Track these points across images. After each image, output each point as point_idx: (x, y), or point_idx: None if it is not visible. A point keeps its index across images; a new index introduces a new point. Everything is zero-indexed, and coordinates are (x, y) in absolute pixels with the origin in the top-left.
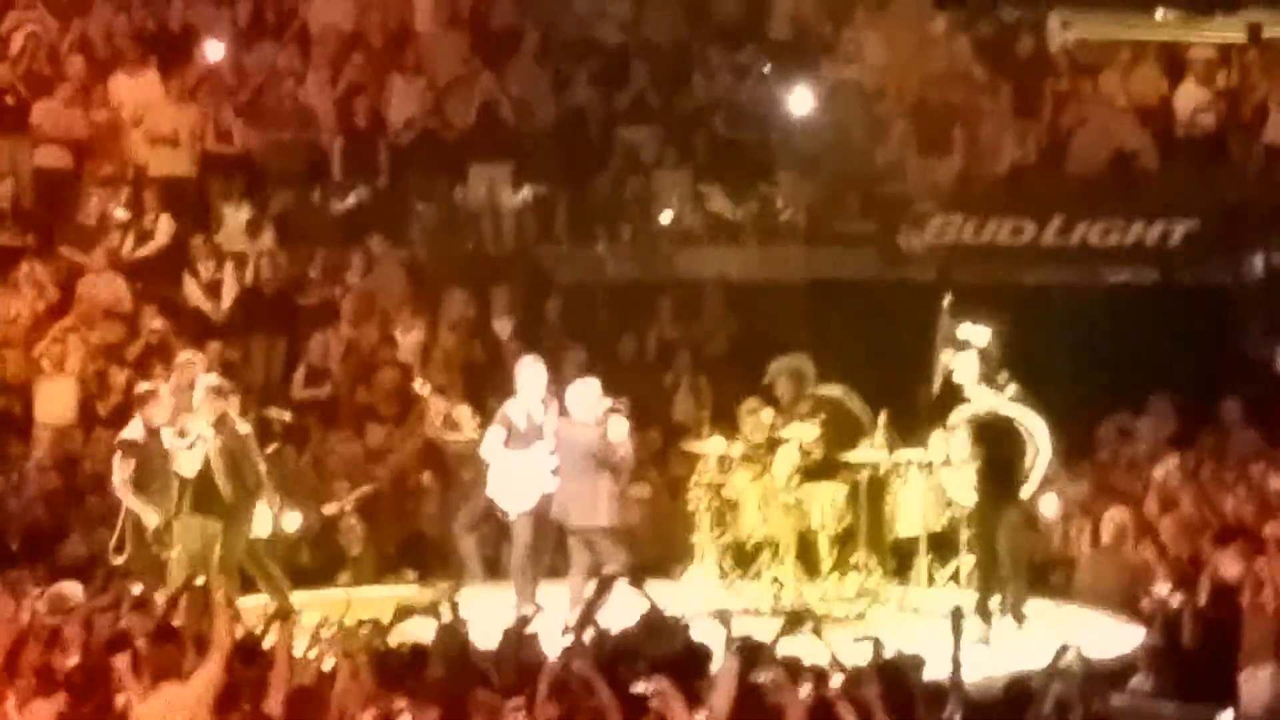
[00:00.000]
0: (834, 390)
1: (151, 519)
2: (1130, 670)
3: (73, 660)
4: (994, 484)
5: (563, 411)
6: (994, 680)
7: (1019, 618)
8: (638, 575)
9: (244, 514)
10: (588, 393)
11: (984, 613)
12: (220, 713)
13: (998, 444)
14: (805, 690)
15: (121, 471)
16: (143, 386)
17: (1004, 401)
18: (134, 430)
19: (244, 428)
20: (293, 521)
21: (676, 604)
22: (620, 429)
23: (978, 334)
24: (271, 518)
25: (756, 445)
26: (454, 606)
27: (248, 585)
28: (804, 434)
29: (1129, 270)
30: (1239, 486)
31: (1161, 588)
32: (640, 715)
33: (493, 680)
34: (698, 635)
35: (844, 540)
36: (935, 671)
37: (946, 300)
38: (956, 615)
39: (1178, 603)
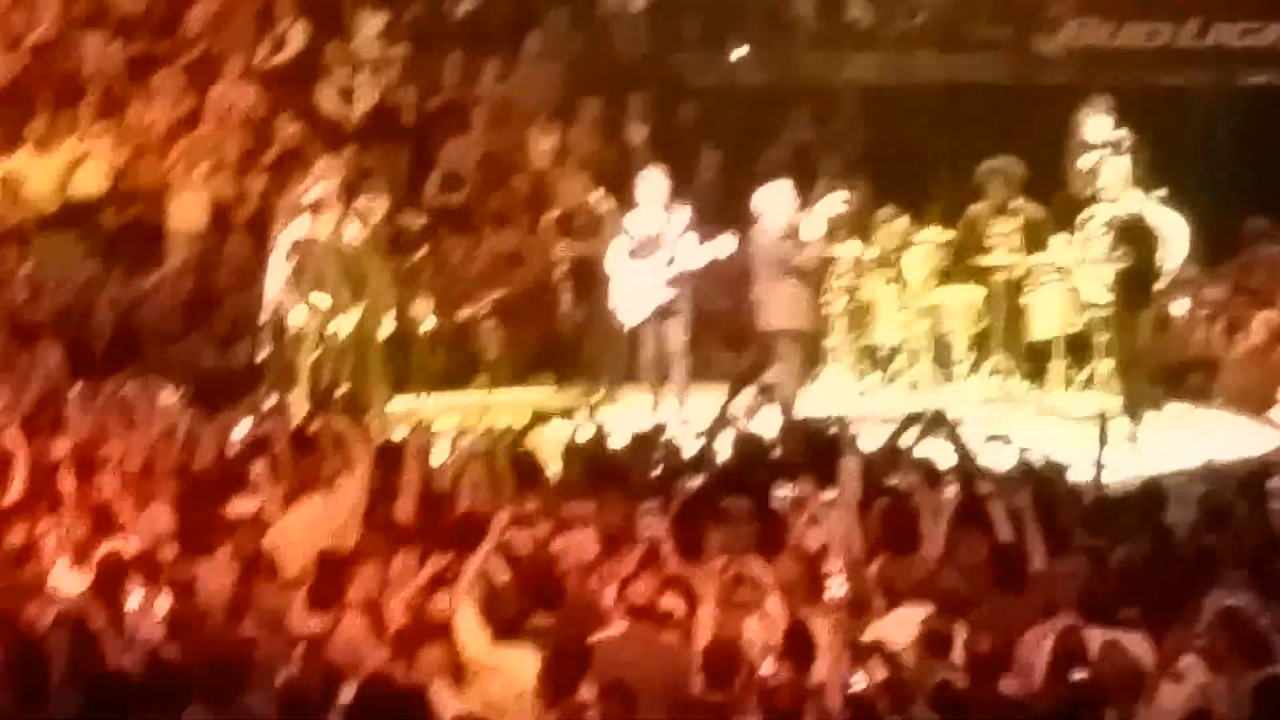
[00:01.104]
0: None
1: (303, 318)
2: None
3: (207, 465)
4: (1131, 286)
5: (747, 216)
6: (1133, 482)
7: (1135, 419)
8: (768, 386)
9: (373, 319)
10: (778, 195)
11: (1122, 415)
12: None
13: (1136, 246)
14: (944, 492)
15: (282, 272)
16: (314, 192)
17: (1144, 203)
18: (298, 231)
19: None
20: (426, 324)
21: (812, 407)
22: (814, 228)
23: (1120, 136)
24: (395, 321)
25: (891, 250)
26: (590, 411)
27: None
28: (936, 237)
29: (1266, 72)
30: None
31: None
32: (775, 519)
33: (628, 483)
34: (833, 439)
35: (979, 344)
36: (1074, 474)
37: (1087, 104)
38: (1103, 420)
39: None
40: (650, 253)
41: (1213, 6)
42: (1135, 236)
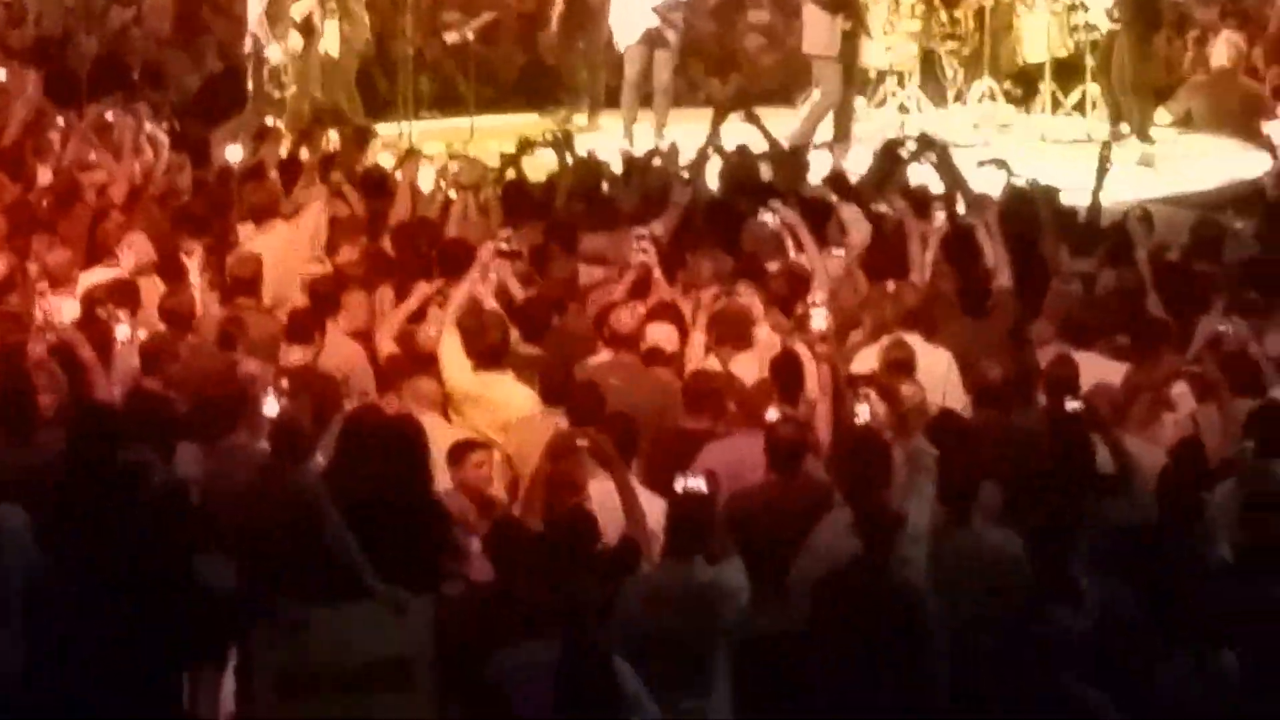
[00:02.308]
0: None
1: (276, 53)
2: (1260, 195)
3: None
4: (1135, 7)
5: None
6: (1126, 207)
7: (1144, 140)
8: (751, 109)
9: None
10: None
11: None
12: (336, 247)
13: None
14: (932, 219)
15: (256, 6)
16: None
17: None
18: None
19: None
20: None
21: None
22: None
23: None
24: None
25: None
26: (568, 136)
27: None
28: None
29: None
30: None
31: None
32: (768, 244)
33: (617, 210)
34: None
35: (969, 66)
36: (1068, 199)
37: None
38: (1104, 144)
39: None
40: None
41: None
42: None
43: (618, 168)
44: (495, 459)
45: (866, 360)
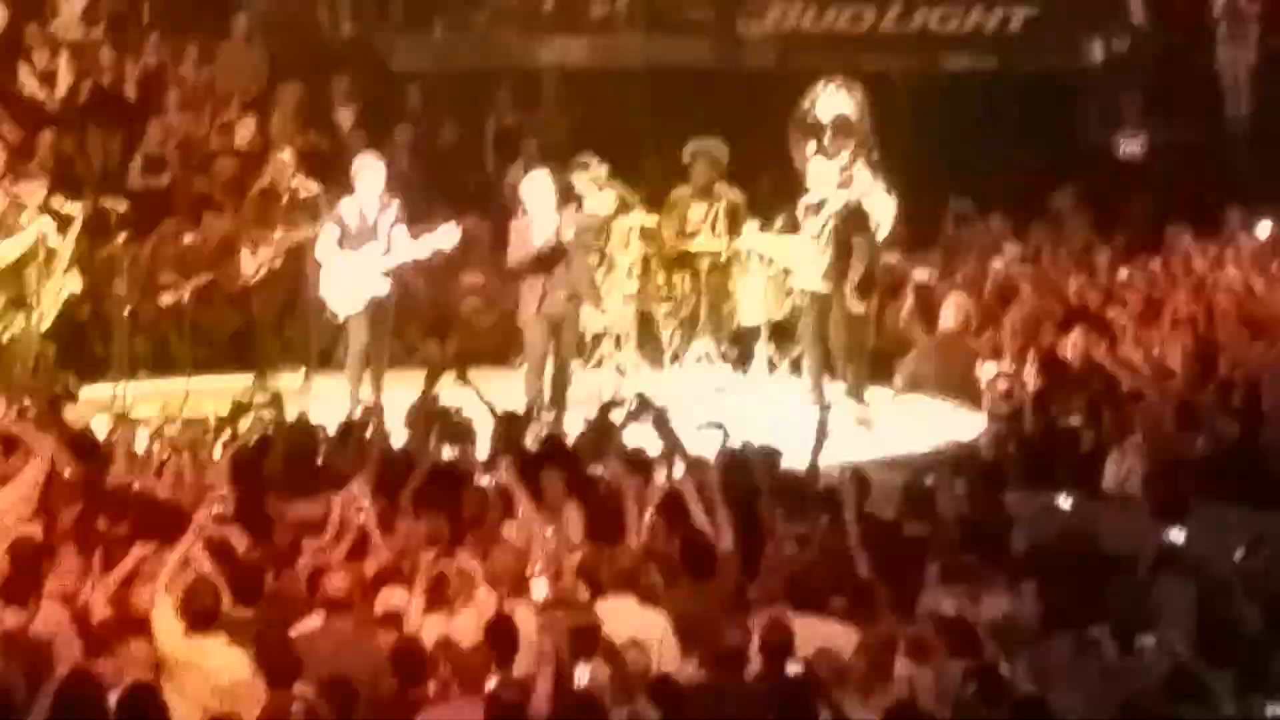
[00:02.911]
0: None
1: None
2: (976, 457)
3: None
4: (845, 271)
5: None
6: (842, 469)
7: (860, 402)
8: (465, 371)
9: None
10: (542, 184)
11: (836, 401)
12: (52, 510)
13: (851, 230)
14: (649, 480)
15: None
16: None
17: (858, 187)
18: None
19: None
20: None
21: (515, 397)
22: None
23: (845, 117)
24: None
25: (596, 233)
26: (279, 398)
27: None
28: (641, 221)
29: (968, 57)
30: (1078, 273)
31: (990, 367)
32: (488, 507)
33: (333, 470)
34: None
35: (687, 328)
36: (784, 461)
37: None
38: (821, 407)
39: (1008, 384)
40: (364, 242)
41: None
42: (850, 221)
43: (333, 429)
44: None
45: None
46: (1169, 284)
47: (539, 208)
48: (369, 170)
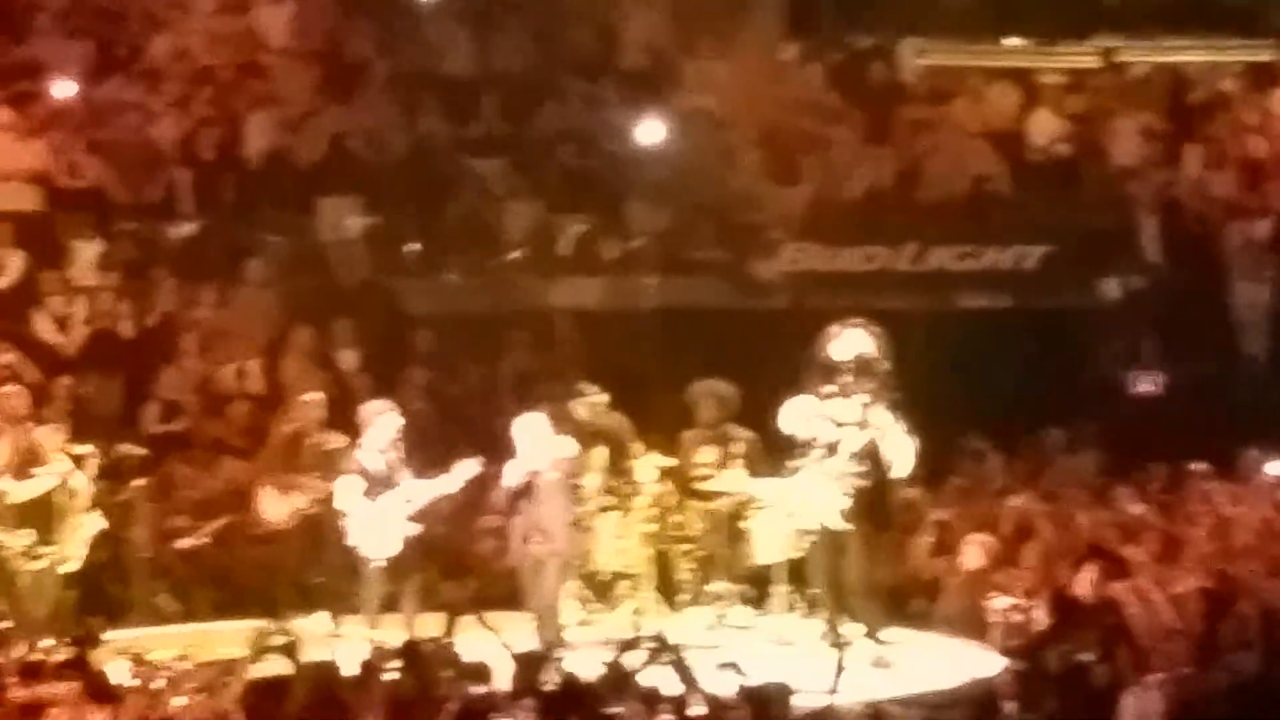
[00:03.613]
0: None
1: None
2: (993, 697)
3: None
4: (863, 510)
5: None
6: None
7: (877, 642)
8: (483, 615)
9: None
10: (529, 424)
11: (853, 640)
12: None
13: (868, 469)
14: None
15: None
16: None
17: (875, 426)
18: None
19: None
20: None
21: (529, 638)
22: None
23: (862, 357)
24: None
25: (612, 476)
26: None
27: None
28: (656, 462)
29: (984, 295)
30: (1095, 509)
31: (1004, 602)
32: None
33: (353, 713)
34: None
35: (703, 569)
36: (802, 700)
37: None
38: (837, 645)
39: (1025, 619)
40: (384, 489)
41: (930, 231)
42: (870, 460)
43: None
44: None
45: None
46: (1186, 521)
47: (522, 448)
48: (384, 418)
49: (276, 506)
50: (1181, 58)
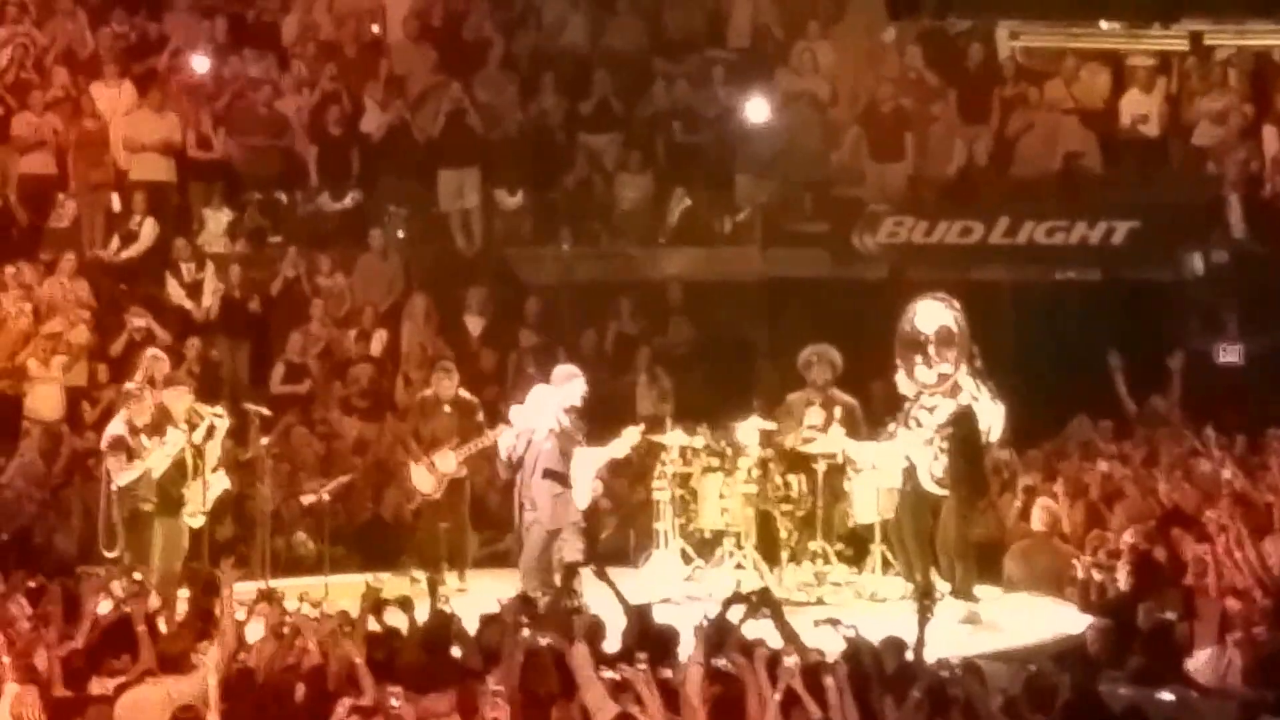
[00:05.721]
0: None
1: (137, 511)
2: (1080, 653)
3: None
4: (958, 474)
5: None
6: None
7: (968, 600)
8: (603, 568)
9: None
10: (543, 395)
11: (948, 598)
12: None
13: (962, 435)
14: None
15: (111, 467)
16: (127, 386)
17: (968, 393)
18: (118, 428)
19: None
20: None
21: (640, 591)
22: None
23: (952, 327)
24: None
25: (716, 437)
26: (432, 592)
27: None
28: (759, 425)
29: (1074, 268)
30: (1180, 476)
31: (1089, 561)
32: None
33: (470, 663)
34: (664, 621)
35: (803, 527)
36: (903, 656)
37: (919, 296)
38: (924, 603)
39: (1111, 578)
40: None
41: (1022, 206)
42: (961, 425)
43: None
44: None
45: None
46: (1266, 486)
47: (524, 417)
48: (571, 380)
49: (425, 478)
50: (1265, 41)
